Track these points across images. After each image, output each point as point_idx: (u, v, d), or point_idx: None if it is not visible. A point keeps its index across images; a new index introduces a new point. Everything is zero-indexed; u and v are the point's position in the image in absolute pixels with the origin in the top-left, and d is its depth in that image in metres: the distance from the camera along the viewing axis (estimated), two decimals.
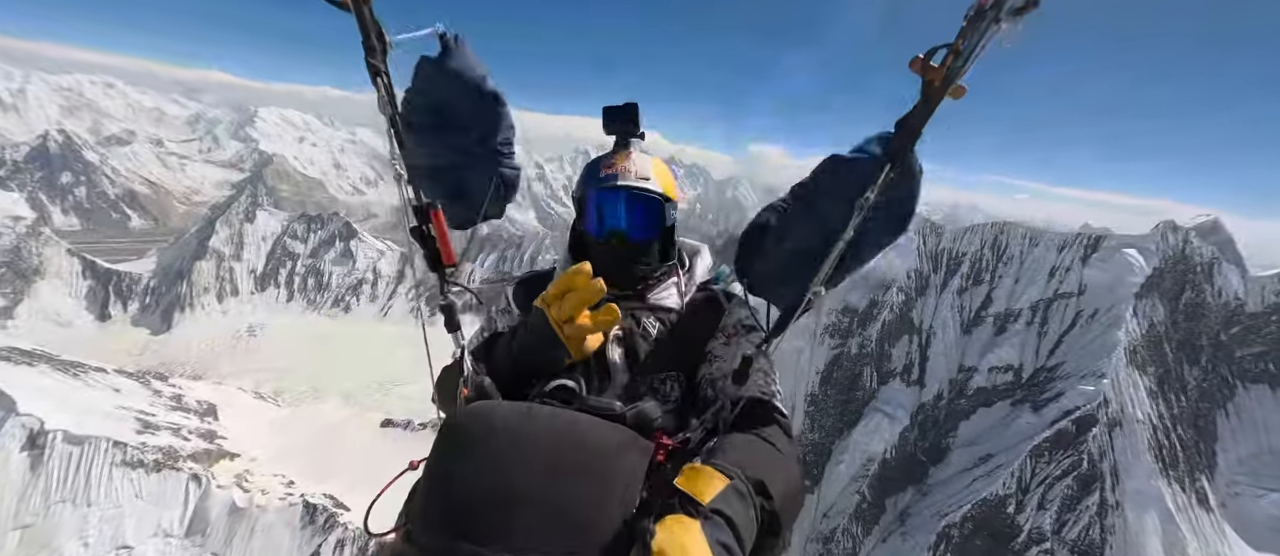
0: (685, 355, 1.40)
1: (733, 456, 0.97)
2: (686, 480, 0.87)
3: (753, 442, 1.08)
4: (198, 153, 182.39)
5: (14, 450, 35.68)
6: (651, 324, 1.43)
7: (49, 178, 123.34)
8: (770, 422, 1.18)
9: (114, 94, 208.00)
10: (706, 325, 1.46)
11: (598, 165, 1.53)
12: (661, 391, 1.35)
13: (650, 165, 1.51)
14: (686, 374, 1.39)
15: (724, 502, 0.84)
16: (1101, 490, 33.12)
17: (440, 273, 1.45)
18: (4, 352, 42.53)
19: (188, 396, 53.47)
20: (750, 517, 0.87)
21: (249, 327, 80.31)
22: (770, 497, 0.93)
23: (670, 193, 1.52)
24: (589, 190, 1.52)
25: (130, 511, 36.59)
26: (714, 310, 1.50)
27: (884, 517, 38.84)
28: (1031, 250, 44.92)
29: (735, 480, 0.88)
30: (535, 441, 0.89)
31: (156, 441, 41.68)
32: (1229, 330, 44.43)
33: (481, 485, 0.84)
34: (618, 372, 1.35)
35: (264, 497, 40.09)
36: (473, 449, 0.89)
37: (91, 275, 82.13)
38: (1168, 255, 42.58)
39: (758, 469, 0.95)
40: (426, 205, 1.38)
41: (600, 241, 1.51)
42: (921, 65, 1.00)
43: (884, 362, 43.73)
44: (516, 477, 0.84)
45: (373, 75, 1.20)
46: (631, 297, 1.49)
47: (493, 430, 0.91)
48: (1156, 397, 37.96)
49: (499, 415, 0.95)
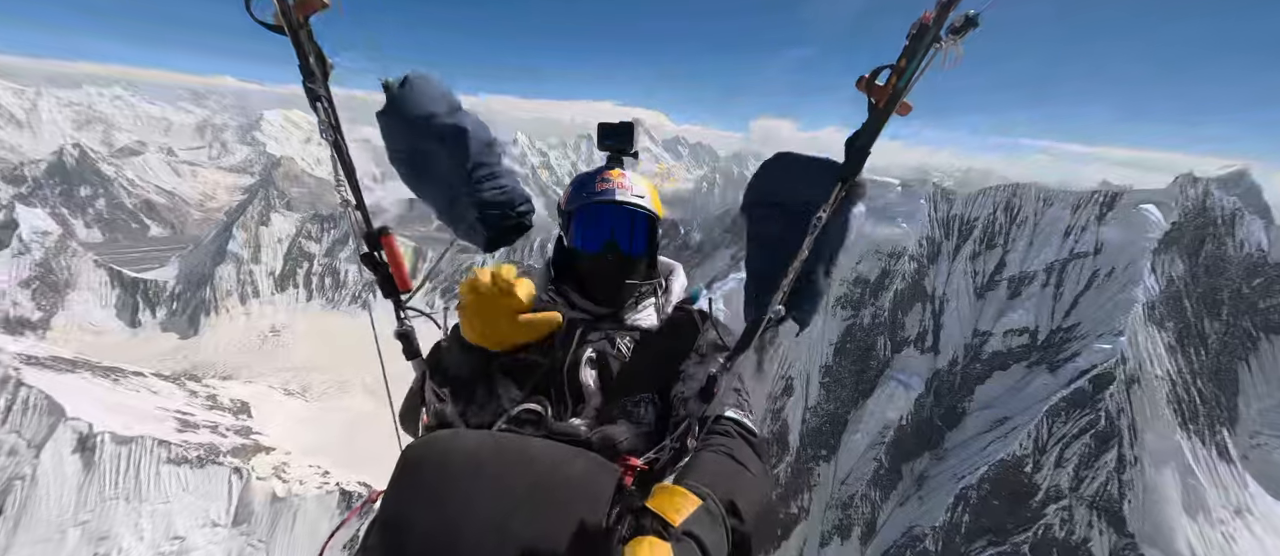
0: (660, 375, 1.39)
1: (704, 476, 0.97)
2: (657, 501, 0.87)
3: (722, 462, 1.07)
4: (208, 159, 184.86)
5: (66, 453, 37.73)
6: (626, 344, 1.42)
7: (68, 192, 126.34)
8: (740, 441, 1.18)
9: (122, 105, 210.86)
10: (682, 345, 1.45)
11: (592, 181, 1.52)
12: (635, 413, 1.33)
13: (644, 184, 1.53)
14: (661, 394, 1.37)
15: (695, 523, 0.84)
16: (1119, 446, 33.28)
17: (395, 298, 1.41)
18: (48, 362, 44.59)
19: (221, 396, 55.65)
20: (721, 538, 0.87)
21: (272, 328, 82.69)
22: (742, 518, 0.92)
23: (660, 211, 1.55)
24: (583, 204, 1.50)
25: (179, 504, 38.66)
26: (689, 329, 1.49)
27: (902, 483, 39.48)
28: (1046, 211, 44.28)
29: (707, 501, 0.88)
30: (495, 474, 0.88)
31: (197, 439, 43.71)
32: (1252, 282, 43.64)
33: (436, 522, 0.82)
34: (591, 395, 1.33)
35: (302, 487, 42.03)
36: (428, 484, 0.88)
37: (119, 284, 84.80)
38: (1187, 209, 41.72)
39: (728, 489, 0.95)
40: (377, 231, 1.36)
41: (594, 255, 1.49)
42: (867, 85, 1.04)
43: (897, 331, 43.84)
44: (474, 513, 0.82)
45: (312, 100, 1.16)
46: (607, 318, 1.48)
47: (448, 463, 0.90)
48: (1176, 353, 37.70)
49: (457, 447, 0.93)
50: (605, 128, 1.55)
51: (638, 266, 1.53)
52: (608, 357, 1.38)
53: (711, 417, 1.22)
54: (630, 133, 1.54)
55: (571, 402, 1.31)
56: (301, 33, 1.07)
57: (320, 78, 1.14)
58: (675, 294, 1.59)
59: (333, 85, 1.20)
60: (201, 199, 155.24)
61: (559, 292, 1.52)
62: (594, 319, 1.47)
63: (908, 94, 1.00)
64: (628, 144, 1.56)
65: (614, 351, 1.39)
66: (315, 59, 1.11)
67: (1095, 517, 32.74)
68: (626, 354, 1.40)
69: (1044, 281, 41.99)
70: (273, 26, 1.06)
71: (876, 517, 38.68)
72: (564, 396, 1.32)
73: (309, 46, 1.10)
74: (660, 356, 1.42)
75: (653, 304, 1.54)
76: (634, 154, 1.58)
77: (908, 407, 40.57)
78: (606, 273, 1.48)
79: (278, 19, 1.05)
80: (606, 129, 1.55)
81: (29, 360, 42.80)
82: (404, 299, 1.42)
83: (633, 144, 1.56)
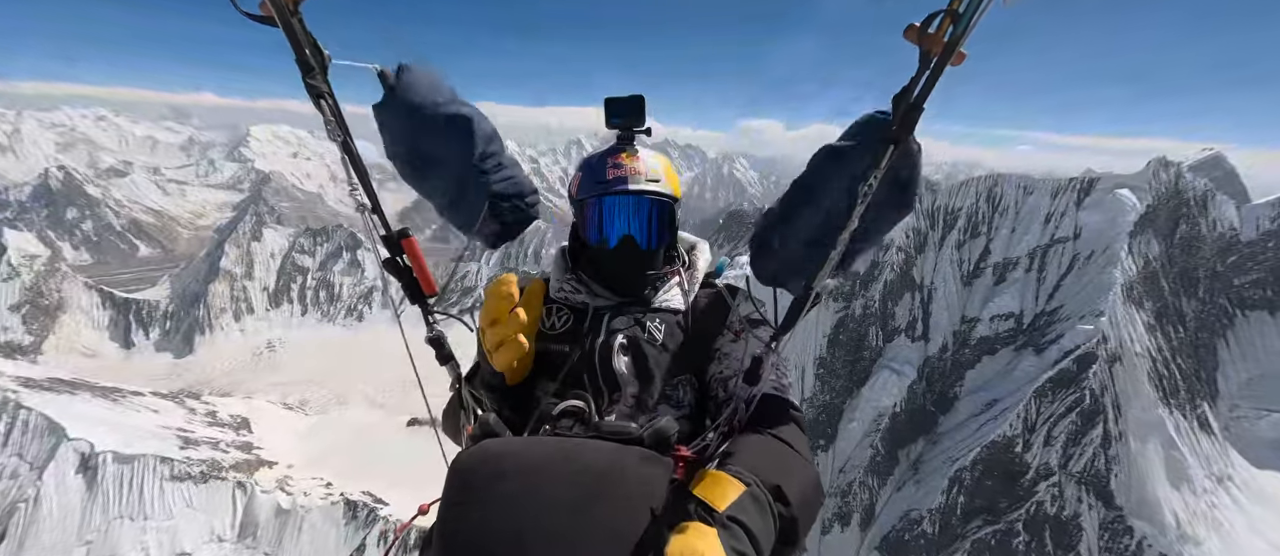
0: (694, 357, 1.38)
1: (749, 460, 0.97)
2: (703, 487, 0.87)
3: (768, 444, 1.07)
4: (195, 177, 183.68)
5: (69, 473, 37.73)
6: (657, 328, 1.38)
7: (55, 214, 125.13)
8: (785, 420, 1.17)
9: (106, 126, 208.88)
10: (714, 323, 1.43)
11: (602, 165, 1.41)
12: (675, 397, 1.33)
13: (659, 163, 1.44)
14: (697, 375, 1.37)
15: (741, 510, 0.84)
16: (1104, 423, 34.47)
17: (422, 304, 1.36)
18: (46, 383, 44.49)
19: (221, 412, 55.56)
20: (768, 524, 0.87)
21: (268, 343, 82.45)
22: (788, 503, 0.92)
23: (677, 192, 1.47)
24: (594, 194, 1.41)
25: (184, 521, 38.72)
26: (720, 307, 1.46)
27: (898, 468, 40.44)
28: (1026, 199, 45.68)
29: (752, 486, 0.88)
30: (550, 479, 0.87)
31: (199, 455, 43.74)
32: (1226, 260, 45.31)
33: (494, 533, 0.82)
34: (626, 382, 1.30)
35: (306, 499, 42.18)
36: (483, 495, 0.87)
37: (111, 305, 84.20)
38: (1161, 192, 43.29)
39: (774, 473, 0.95)
40: (398, 234, 1.30)
41: (610, 251, 1.42)
42: (918, 34, 0.94)
43: (888, 321, 44.93)
44: (531, 521, 0.82)
45: (315, 97, 1.07)
46: (635, 303, 1.44)
47: (501, 473, 0.89)
48: (1155, 331, 39.08)
49: (509, 456, 0.93)
50: (613, 103, 1.42)
51: (657, 256, 1.45)
52: (639, 342, 1.34)
53: (754, 398, 1.20)
54: (640, 107, 1.40)
55: (607, 392, 1.30)
56: (294, 21, 0.99)
57: (320, 71, 1.06)
58: (700, 270, 1.54)
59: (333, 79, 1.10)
60: (191, 217, 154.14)
61: (579, 280, 1.48)
62: (619, 304, 1.43)
63: (966, 41, 0.90)
64: (638, 119, 1.42)
65: (645, 336, 1.36)
66: (312, 51, 1.04)
67: (1084, 492, 33.86)
68: (658, 337, 1.36)
69: (1027, 266, 43.32)
70: (262, 18, 0.98)
71: (875, 503, 39.60)
72: (599, 386, 1.30)
73: (303, 37, 1.02)
74: (693, 337, 1.40)
75: (678, 283, 1.48)
76: (646, 130, 1.45)
77: (901, 395, 41.59)
78: (625, 267, 1.42)
79: (266, 8, 0.97)
80: (615, 104, 1.42)
81: (27, 383, 42.70)
82: (431, 303, 1.36)
83: (644, 118, 1.42)
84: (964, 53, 0.92)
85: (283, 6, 0.97)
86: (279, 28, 0.99)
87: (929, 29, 0.94)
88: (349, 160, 1.15)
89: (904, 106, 0.99)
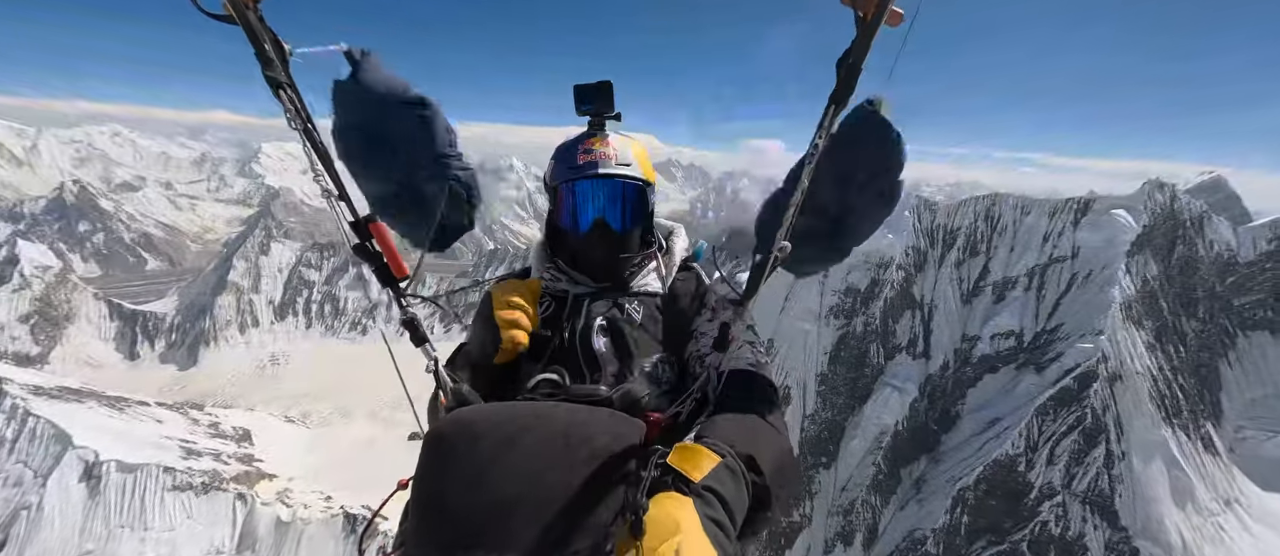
0: (673, 336, 1.41)
1: (723, 432, 1.01)
2: (678, 458, 0.90)
3: (742, 416, 1.09)
4: (206, 192, 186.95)
5: (72, 481, 37.89)
6: (635, 310, 1.42)
7: (67, 227, 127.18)
8: (758, 392, 1.20)
9: (122, 142, 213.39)
10: (691, 304, 1.47)
11: (573, 150, 1.44)
12: (654, 375, 1.36)
13: (630, 148, 1.45)
14: (676, 354, 1.40)
15: (715, 480, 0.87)
16: (1107, 442, 34.37)
17: (393, 287, 1.37)
18: (54, 392, 44.93)
19: (223, 424, 55.73)
20: (741, 493, 0.91)
21: (272, 356, 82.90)
22: (760, 472, 0.96)
23: (650, 176, 1.48)
24: (566, 180, 1.44)
25: (184, 532, 38.65)
26: (697, 288, 1.50)
27: (901, 486, 40.16)
28: (1024, 219, 46.30)
29: (726, 457, 0.92)
30: (521, 439, 0.89)
31: (201, 465, 43.85)
32: (1225, 281, 45.55)
33: (471, 493, 0.84)
34: (606, 361, 1.34)
35: (306, 512, 42.10)
36: (458, 458, 0.89)
37: (118, 317, 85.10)
38: (1156, 213, 43.86)
39: (747, 444, 0.98)
40: (365, 219, 1.32)
41: (583, 235, 1.45)
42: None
43: (889, 338, 45.15)
44: (506, 479, 0.84)
45: (274, 89, 1.11)
46: (614, 288, 1.47)
47: (475, 435, 0.90)
48: (1155, 350, 39.18)
49: (481, 419, 0.94)
50: (582, 90, 1.43)
51: (631, 239, 1.49)
52: (618, 324, 1.39)
53: (727, 369, 1.22)
54: (609, 93, 1.41)
55: (588, 371, 1.34)
56: (251, 15, 1.04)
57: (279, 64, 1.10)
58: (677, 254, 1.58)
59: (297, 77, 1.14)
60: (199, 232, 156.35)
61: (559, 269, 1.52)
62: (598, 289, 1.47)
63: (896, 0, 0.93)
64: (607, 105, 1.43)
65: (623, 317, 1.40)
66: (272, 45, 1.08)
67: (1088, 512, 33.57)
68: (637, 318, 1.41)
69: (1026, 285, 43.69)
70: (222, 17, 1.03)
71: (878, 522, 39.22)
72: (580, 366, 1.34)
73: (263, 32, 1.07)
74: (670, 317, 1.45)
75: (655, 267, 1.53)
76: (616, 115, 1.46)
77: (903, 412, 41.56)
78: (599, 251, 1.45)
79: (226, 8, 1.02)
80: (584, 91, 1.43)
81: (36, 390, 43.18)
82: (403, 285, 1.38)
83: (613, 105, 1.43)
84: (898, 11, 0.94)
85: (240, 4, 1.03)
86: (239, 25, 1.04)
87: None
88: (311, 148, 1.18)
89: (844, 69, 1.04)
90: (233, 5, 1.02)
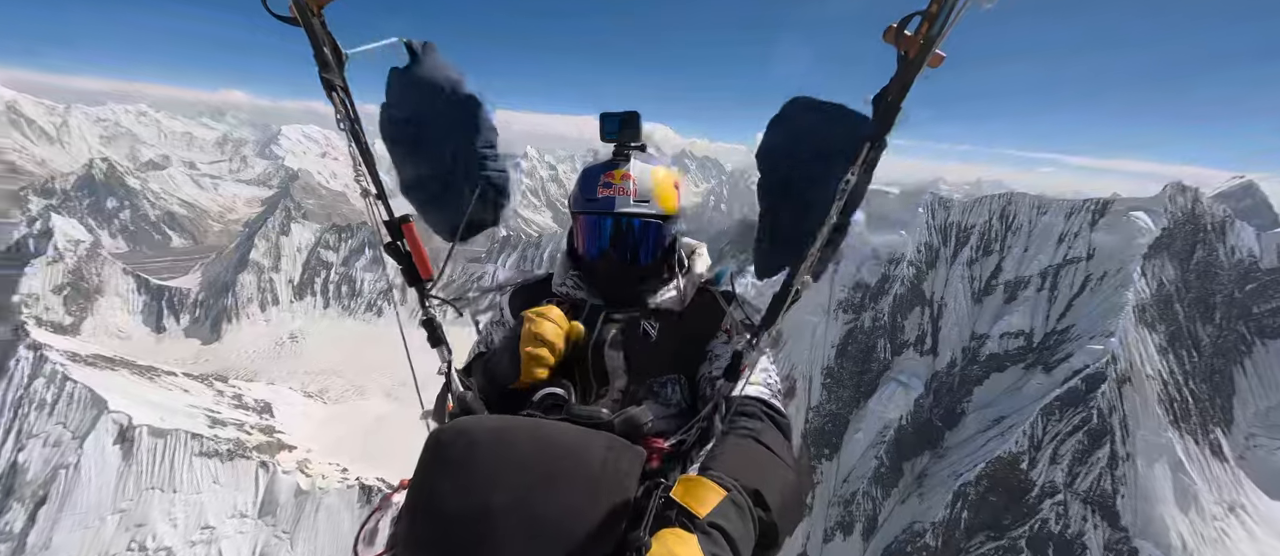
0: (686, 356, 1.41)
1: (728, 464, 0.97)
2: (683, 491, 0.87)
3: (749, 448, 1.06)
4: (228, 172, 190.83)
5: (108, 443, 40.00)
6: (651, 326, 1.41)
7: (97, 204, 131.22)
8: (768, 423, 1.17)
9: (147, 121, 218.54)
10: (707, 325, 1.44)
11: (594, 179, 1.44)
12: (662, 395, 1.36)
13: (651, 179, 1.43)
14: (688, 375, 1.40)
15: (721, 515, 0.84)
16: (1112, 443, 34.42)
17: (419, 287, 1.41)
18: (91, 359, 47.15)
19: (246, 396, 57.94)
20: (747, 530, 0.87)
21: (291, 334, 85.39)
22: (768, 508, 0.92)
23: (670, 208, 1.46)
24: (583, 210, 1.46)
25: (210, 496, 40.65)
26: (714, 310, 1.47)
27: (902, 480, 40.61)
28: (1040, 218, 45.90)
29: (732, 492, 0.88)
30: (518, 454, 0.90)
31: (226, 434, 45.86)
32: (1244, 287, 44.79)
33: (464, 502, 0.85)
34: (617, 376, 1.33)
35: (324, 482, 43.92)
36: (454, 466, 0.91)
37: (145, 291, 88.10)
38: (1177, 216, 43.21)
39: (754, 477, 0.94)
40: (399, 220, 1.36)
41: (593, 261, 1.47)
42: (895, 36, 0.96)
43: (897, 334, 45.31)
44: (499, 492, 0.85)
45: (328, 90, 1.17)
46: (631, 303, 1.47)
47: (473, 445, 0.92)
48: (1167, 353, 38.90)
49: (481, 429, 0.96)
50: (608, 118, 1.46)
51: (644, 270, 1.49)
52: (633, 339, 1.38)
53: (737, 398, 1.20)
54: (636, 123, 1.45)
55: (597, 384, 1.32)
56: (315, 21, 1.09)
57: (336, 67, 1.16)
58: (698, 274, 1.57)
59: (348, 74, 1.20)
60: (221, 211, 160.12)
61: (580, 278, 1.54)
62: (615, 306, 1.47)
63: (941, 42, 0.90)
64: (632, 135, 1.47)
65: (639, 332, 1.40)
66: (330, 50, 1.14)
67: (1089, 512, 33.77)
68: (651, 335, 1.40)
69: (1039, 285, 43.46)
70: (288, 19, 1.08)
71: (878, 514, 39.77)
72: (589, 379, 1.33)
73: (324, 37, 1.12)
74: (685, 337, 1.42)
75: (674, 286, 1.51)
76: (640, 145, 1.49)
77: (908, 408, 41.85)
78: (610, 278, 1.47)
79: (293, 10, 1.08)
80: (610, 119, 1.46)
81: (73, 357, 45.36)
82: (428, 287, 1.42)
83: (639, 134, 1.47)
84: (941, 54, 0.94)
85: (305, 8, 1.09)
86: (303, 28, 1.10)
87: (906, 30, 0.96)
88: (356, 148, 1.24)
89: (883, 106, 1.02)
90: (299, 10, 1.10)
